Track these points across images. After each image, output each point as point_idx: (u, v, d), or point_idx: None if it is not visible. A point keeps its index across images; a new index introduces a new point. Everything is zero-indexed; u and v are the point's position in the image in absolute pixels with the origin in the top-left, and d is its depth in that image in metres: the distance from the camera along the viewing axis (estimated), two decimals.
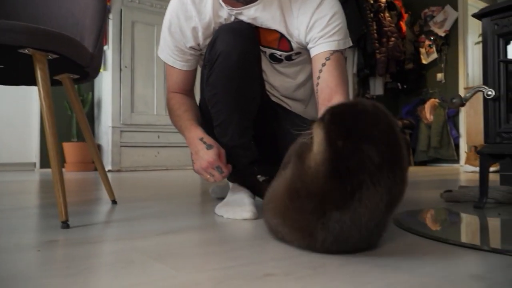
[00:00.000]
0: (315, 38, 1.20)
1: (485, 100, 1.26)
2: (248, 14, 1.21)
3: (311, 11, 1.19)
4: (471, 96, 1.25)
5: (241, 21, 1.22)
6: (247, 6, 1.19)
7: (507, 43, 1.24)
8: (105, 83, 4.04)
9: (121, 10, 3.97)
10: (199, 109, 1.35)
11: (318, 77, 1.21)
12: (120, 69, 3.97)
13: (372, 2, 5.09)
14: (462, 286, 0.57)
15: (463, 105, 1.26)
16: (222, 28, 1.22)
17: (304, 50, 1.27)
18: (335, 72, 1.20)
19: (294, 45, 1.25)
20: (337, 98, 1.17)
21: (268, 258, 0.73)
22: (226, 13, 1.22)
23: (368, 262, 0.68)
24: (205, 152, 1.16)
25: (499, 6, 1.23)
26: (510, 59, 1.23)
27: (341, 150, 0.64)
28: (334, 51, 1.20)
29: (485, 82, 1.26)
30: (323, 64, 1.20)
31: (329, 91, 1.19)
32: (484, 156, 1.26)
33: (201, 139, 1.18)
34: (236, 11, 1.21)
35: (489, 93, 1.23)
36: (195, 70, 1.36)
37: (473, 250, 0.77)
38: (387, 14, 5.15)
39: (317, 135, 0.70)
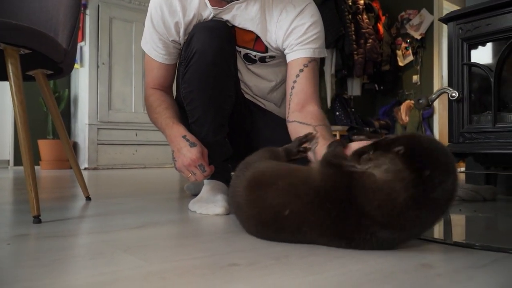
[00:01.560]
0: (292, 45, 1.23)
1: (450, 102, 1.31)
2: (229, 13, 1.23)
3: (291, 18, 1.22)
4: (436, 97, 1.30)
5: (218, 20, 1.24)
6: (231, 4, 1.21)
7: (471, 46, 1.29)
8: (82, 80, 4.00)
9: (98, 6, 3.93)
10: (177, 107, 1.35)
11: (294, 81, 1.24)
12: (98, 66, 3.93)
13: (350, 3, 5.17)
14: (411, 273, 0.61)
15: (429, 105, 1.31)
16: (198, 26, 1.23)
17: (279, 54, 1.30)
18: (311, 80, 1.24)
19: (269, 47, 1.28)
20: (311, 105, 1.21)
21: (234, 250, 0.75)
22: (208, 12, 1.24)
23: (329, 253, 0.72)
24: (188, 150, 1.16)
25: (463, 11, 1.28)
26: (473, 63, 1.28)
27: (427, 180, 0.68)
28: (311, 59, 1.24)
29: (450, 84, 1.32)
30: (301, 70, 1.23)
31: (305, 97, 1.22)
32: None
33: (184, 137, 1.18)
34: (219, 11, 1.22)
35: (453, 94, 1.28)
36: (175, 65, 1.36)
37: (436, 244, 0.81)
38: (365, 16, 5.25)
39: (394, 163, 0.70)
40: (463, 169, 2.29)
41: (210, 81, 1.21)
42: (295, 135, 1.14)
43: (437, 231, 1.04)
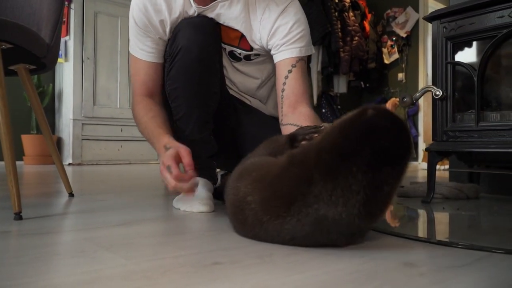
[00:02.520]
0: (277, 45, 1.23)
1: (434, 100, 1.33)
2: (213, 12, 1.22)
3: (274, 17, 1.22)
4: (420, 96, 1.32)
5: (203, 16, 1.23)
6: (215, 2, 1.20)
7: (454, 45, 1.31)
8: (67, 75, 3.95)
9: (83, 0, 3.88)
10: (166, 116, 1.27)
11: (284, 83, 1.24)
12: (82, 61, 3.89)
13: (336, 1, 5.19)
14: (393, 272, 0.61)
15: (413, 103, 1.32)
16: (183, 22, 1.22)
17: (263, 52, 1.30)
18: (300, 80, 1.23)
19: (254, 46, 1.28)
20: (302, 106, 1.21)
21: (218, 248, 0.75)
22: (193, 11, 1.23)
23: (312, 252, 0.72)
24: (163, 155, 1.05)
25: (447, 10, 1.30)
26: (457, 61, 1.30)
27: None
28: (299, 59, 1.24)
29: (434, 82, 1.33)
30: (290, 71, 1.23)
31: (295, 98, 1.22)
32: (432, 153, 1.33)
33: (165, 146, 1.09)
34: (203, 9, 1.22)
35: (437, 93, 1.29)
36: (163, 67, 1.29)
37: (420, 242, 0.82)
38: (351, 14, 5.27)
39: None
40: (446, 167, 2.32)
41: (195, 77, 1.20)
42: None
43: (421, 229, 1.05)
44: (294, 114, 1.21)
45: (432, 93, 1.30)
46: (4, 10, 1.44)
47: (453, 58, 1.31)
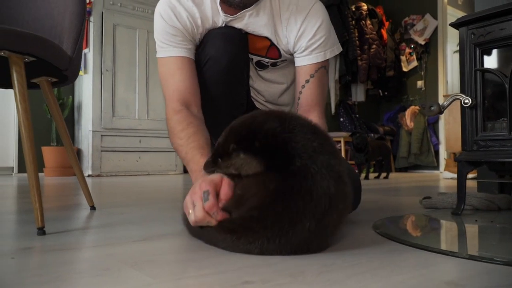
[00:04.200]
0: (301, 48, 1.22)
1: (463, 108, 1.28)
2: (241, 22, 1.21)
3: (300, 21, 1.21)
4: (449, 104, 1.27)
5: (231, 27, 1.22)
6: (242, 11, 1.18)
7: (484, 52, 1.26)
8: (86, 87, 3.99)
9: (102, 13, 3.93)
10: (207, 133, 1.12)
11: (300, 92, 1.24)
12: (101, 73, 3.93)
13: (354, 9, 5.16)
14: None
15: (441, 112, 1.28)
16: (212, 32, 1.21)
17: (291, 58, 1.28)
18: (316, 91, 1.23)
19: (282, 52, 1.26)
20: (313, 116, 1.19)
21: (245, 265, 0.72)
22: (221, 20, 1.21)
23: (346, 269, 0.68)
24: (202, 177, 0.89)
25: (475, 15, 1.25)
26: (487, 68, 1.25)
27: None
28: (320, 67, 1.23)
29: (462, 90, 1.29)
30: (307, 81, 1.23)
31: (308, 108, 1.22)
32: (462, 163, 1.28)
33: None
34: (231, 18, 1.20)
35: (466, 101, 1.25)
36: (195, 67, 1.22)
37: (452, 257, 0.78)
38: (368, 22, 5.23)
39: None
40: (470, 176, 2.25)
41: (223, 87, 1.19)
42: None
43: (454, 243, 1.01)
44: None
45: (461, 102, 1.25)
46: (25, 24, 1.45)
47: (482, 65, 1.26)
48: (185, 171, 4.32)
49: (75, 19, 1.36)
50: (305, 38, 1.21)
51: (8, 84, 1.45)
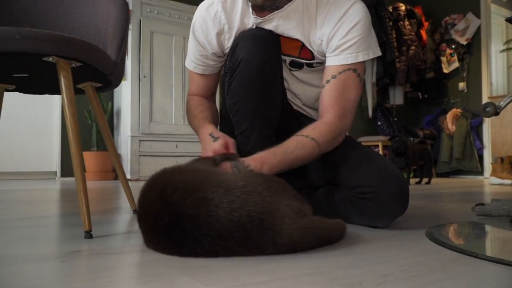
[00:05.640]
0: (332, 47, 1.18)
1: None
2: (271, 23, 1.19)
3: (336, 20, 1.17)
4: (506, 105, 1.20)
5: (262, 28, 1.21)
6: (272, 13, 1.17)
7: None
8: (125, 93, 4.07)
9: (140, 20, 4.00)
10: (217, 111, 1.37)
11: (320, 92, 1.22)
12: (139, 79, 3.99)
13: (391, 10, 5.05)
14: None
15: (497, 113, 1.21)
16: (242, 35, 1.20)
17: (324, 58, 1.25)
18: (335, 93, 1.18)
19: (316, 54, 1.23)
20: (325, 116, 1.17)
21: (300, 273, 0.69)
22: (251, 22, 1.21)
23: (407, 281, 0.64)
24: (211, 144, 1.15)
25: None
26: None
27: None
28: (346, 69, 1.18)
29: None
30: (328, 81, 1.19)
31: (322, 109, 1.20)
32: None
33: (210, 134, 1.18)
34: (261, 20, 1.19)
35: None
36: (217, 74, 1.36)
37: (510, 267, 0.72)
38: (407, 23, 5.10)
39: None
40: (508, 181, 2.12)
41: (257, 89, 1.17)
42: None
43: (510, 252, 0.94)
44: (314, 123, 1.18)
45: None
46: (71, 31, 1.47)
47: None
48: None
49: (118, 25, 1.38)
50: (337, 37, 1.17)
51: (54, 90, 1.48)
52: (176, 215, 0.76)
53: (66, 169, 3.95)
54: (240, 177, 0.84)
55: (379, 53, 1.22)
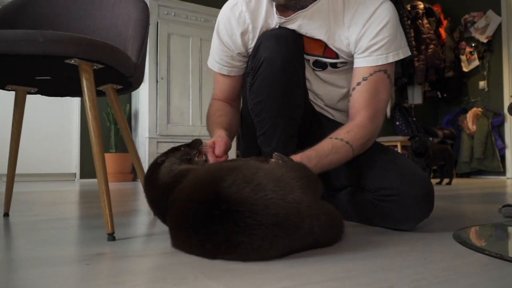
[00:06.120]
0: (361, 48, 1.16)
1: None
2: (295, 23, 1.18)
3: (364, 20, 1.15)
4: None
5: (285, 28, 1.19)
6: (296, 13, 1.15)
7: None
8: (142, 95, 4.10)
9: (157, 22, 4.03)
10: (238, 116, 1.34)
11: (350, 95, 1.20)
12: (157, 81, 4.01)
13: (409, 8, 4.99)
14: None
15: None
16: (265, 34, 1.19)
17: (351, 60, 1.23)
18: (366, 94, 1.16)
19: (341, 54, 1.21)
20: (358, 118, 1.16)
21: (328, 278, 0.67)
22: (275, 22, 1.19)
23: (440, 286, 0.62)
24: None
25: None
26: None
27: None
28: (376, 71, 1.16)
29: None
30: (358, 83, 1.17)
31: (353, 111, 1.18)
32: None
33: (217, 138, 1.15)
34: (284, 20, 1.18)
35: None
36: (243, 76, 1.32)
37: None
38: (425, 21, 5.03)
39: None
40: None
41: (279, 89, 1.16)
42: None
43: None
44: (342, 126, 1.17)
45: None
46: (91, 34, 1.48)
47: None
48: None
49: (139, 27, 1.38)
50: (366, 38, 1.15)
51: (75, 92, 1.49)
52: (235, 203, 0.76)
53: (85, 171, 3.99)
54: (279, 166, 0.88)
55: (409, 53, 1.20)
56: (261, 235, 0.74)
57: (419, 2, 5.09)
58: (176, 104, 4.11)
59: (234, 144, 1.40)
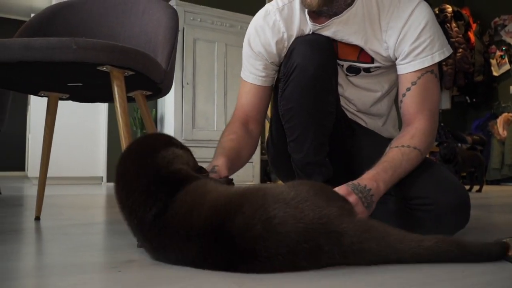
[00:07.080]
0: (404, 53, 1.13)
1: None
2: (330, 30, 1.16)
3: (401, 24, 1.13)
4: None
5: (318, 34, 1.18)
6: (330, 20, 1.14)
7: None
8: (168, 100, 4.14)
9: (183, 28, 4.07)
10: (251, 147, 1.28)
11: (401, 101, 1.17)
12: (182, 86, 4.05)
13: (437, 12, 4.90)
14: None
15: None
16: (298, 40, 1.18)
17: (387, 64, 1.20)
18: (418, 98, 1.14)
19: (376, 58, 1.19)
20: (417, 123, 1.13)
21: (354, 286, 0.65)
22: (308, 29, 1.18)
23: None
24: None
25: None
26: None
27: None
28: (424, 73, 1.13)
29: None
30: (408, 89, 1.15)
31: (409, 117, 1.15)
32: None
33: (212, 168, 1.09)
34: (319, 27, 1.16)
35: None
36: (269, 91, 1.30)
37: None
38: (454, 24, 4.93)
39: None
40: None
41: (311, 96, 1.14)
42: None
43: None
44: (402, 133, 1.14)
45: None
46: (122, 41, 1.50)
47: None
48: (262, 181, 4.32)
49: (168, 33, 1.39)
50: (407, 43, 1.13)
51: (106, 98, 1.51)
52: (245, 246, 0.72)
53: (112, 175, 4.05)
54: (288, 187, 0.81)
55: (451, 51, 1.19)
56: (281, 263, 0.73)
57: (448, 6, 5.00)
58: (201, 109, 4.14)
59: (258, 149, 1.37)
